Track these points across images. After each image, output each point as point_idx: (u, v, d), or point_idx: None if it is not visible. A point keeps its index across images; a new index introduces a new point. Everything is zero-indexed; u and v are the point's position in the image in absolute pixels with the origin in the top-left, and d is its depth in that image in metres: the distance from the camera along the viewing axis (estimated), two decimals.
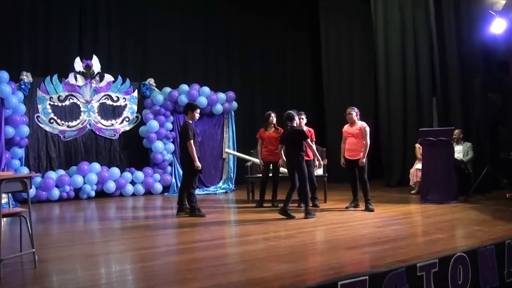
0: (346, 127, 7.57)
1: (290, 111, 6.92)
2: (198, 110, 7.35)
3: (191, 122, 7.20)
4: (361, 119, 7.59)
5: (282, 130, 7.85)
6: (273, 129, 8.04)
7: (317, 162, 7.48)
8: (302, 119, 7.78)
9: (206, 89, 10.71)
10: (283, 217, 6.60)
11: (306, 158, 7.65)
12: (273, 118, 8.04)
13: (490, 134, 8.55)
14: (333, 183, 9.95)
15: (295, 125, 6.88)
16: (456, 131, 8.89)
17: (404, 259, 4.06)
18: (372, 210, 7.15)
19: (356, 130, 7.36)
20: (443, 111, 9.75)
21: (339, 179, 10.84)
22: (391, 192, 9.59)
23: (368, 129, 7.32)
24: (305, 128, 7.80)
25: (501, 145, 9.26)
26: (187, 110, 7.27)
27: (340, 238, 5.20)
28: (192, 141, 6.95)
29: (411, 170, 9.48)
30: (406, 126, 10.87)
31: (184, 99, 10.38)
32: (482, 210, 6.89)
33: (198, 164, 6.96)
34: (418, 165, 8.96)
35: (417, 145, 9.15)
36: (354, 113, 7.44)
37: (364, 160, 7.21)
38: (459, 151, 8.88)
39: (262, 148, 8.07)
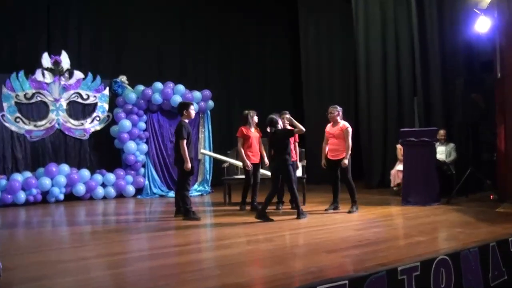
0: (328, 127, 7.60)
1: (272, 116, 6.92)
2: (193, 107, 7.27)
3: (187, 121, 7.15)
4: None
5: (259, 131, 7.89)
6: (257, 128, 8.04)
7: (299, 163, 7.58)
8: (283, 119, 7.80)
9: (181, 88, 10.66)
10: (261, 220, 6.60)
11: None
12: (252, 116, 7.99)
13: (472, 135, 8.68)
14: (312, 185, 10.00)
15: (279, 127, 6.91)
16: (442, 132, 9.02)
17: (384, 263, 4.08)
18: (352, 212, 7.22)
19: (338, 130, 7.39)
20: (424, 112, 9.88)
21: (318, 181, 10.92)
22: (372, 194, 9.69)
23: (350, 129, 7.35)
24: (288, 128, 7.84)
25: (483, 146, 9.43)
26: (182, 109, 7.16)
27: (319, 242, 5.21)
28: (185, 141, 6.90)
29: (392, 171, 9.58)
30: (386, 127, 11.00)
31: (158, 98, 10.33)
32: (465, 212, 7.00)
33: (189, 165, 6.91)
34: (399, 166, 9.06)
35: (398, 146, 9.25)
36: (336, 112, 7.47)
37: (346, 161, 7.25)
38: (442, 152, 9.00)
39: (246, 148, 7.89)
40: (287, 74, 14.08)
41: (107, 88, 10.59)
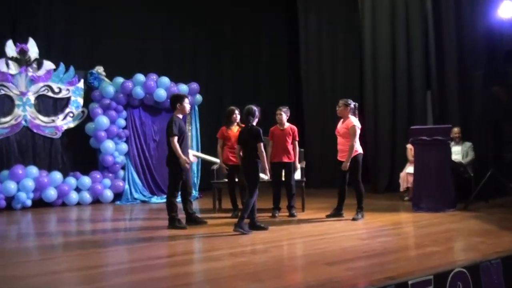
0: (338, 124, 7.62)
1: (251, 106, 6.84)
2: (187, 100, 7.24)
3: (180, 116, 7.13)
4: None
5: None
6: (237, 127, 8.04)
7: (298, 165, 7.60)
8: (281, 114, 7.81)
9: (165, 80, 10.65)
10: (254, 230, 6.59)
11: (286, 160, 7.74)
12: (237, 115, 8.02)
13: (493, 133, 8.69)
14: (312, 189, 10.01)
15: (254, 123, 6.80)
16: (456, 129, 9.04)
17: (393, 276, 4.09)
18: (356, 219, 7.24)
19: (343, 128, 7.40)
20: (438, 107, 9.90)
21: (318, 184, 10.93)
22: (378, 199, 9.70)
23: (357, 128, 7.32)
24: (287, 125, 7.84)
25: (505, 145, 9.43)
26: (175, 103, 7.11)
27: (320, 252, 5.21)
28: (176, 137, 6.88)
29: (401, 174, 9.59)
30: (395, 124, 11.02)
31: (139, 92, 10.32)
32: (484, 219, 7.00)
33: (184, 158, 6.87)
34: (410, 169, 9.08)
35: (408, 146, 9.27)
36: (343, 106, 7.44)
37: (347, 164, 7.25)
38: (458, 152, 9.02)
39: (224, 149, 8.07)
40: (285, 65, 14.09)
41: (82, 81, 10.56)
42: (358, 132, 7.33)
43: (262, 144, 6.59)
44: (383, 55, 11.08)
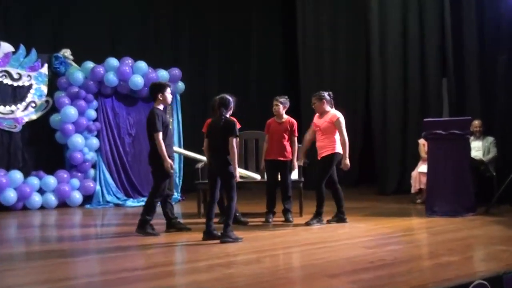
0: (315, 118, 7.66)
1: (224, 95, 6.81)
2: (169, 89, 7.22)
3: (161, 108, 7.12)
4: (348, 106, 7.64)
5: (236, 121, 7.84)
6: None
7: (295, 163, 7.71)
8: (278, 105, 7.81)
9: (142, 65, 10.63)
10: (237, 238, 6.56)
11: (281, 158, 7.74)
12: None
13: None
14: (311, 191, 9.99)
15: (228, 115, 6.76)
16: (476, 122, 9.05)
17: None
18: (311, 225, 7.33)
19: (325, 122, 7.43)
20: (456, 97, 9.92)
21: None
22: (386, 202, 9.76)
23: (342, 120, 7.38)
24: (285, 118, 7.85)
25: None
26: (155, 92, 7.09)
27: (319, 263, 5.23)
28: (160, 133, 6.86)
29: (413, 174, 9.63)
30: (406, 116, 11.06)
31: (112, 78, 10.28)
32: (508, 225, 7.04)
33: (168, 164, 6.89)
34: (422, 167, 9.12)
35: (421, 141, 9.30)
36: (318, 101, 7.49)
37: (347, 161, 7.33)
38: (478, 148, 9.06)
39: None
40: (279, 47, 14.09)
41: (46, 66, 10.52)
42: (344, 124, 7.39)
43: (235, 140, 6.57)
44: (392, 37, 11.10)
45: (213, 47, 13.38)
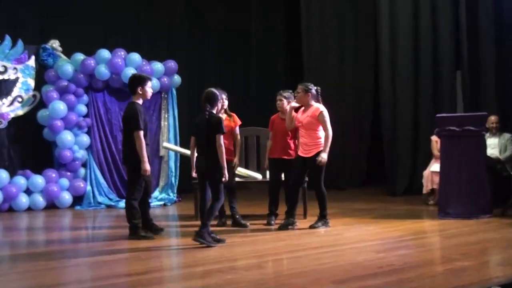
0: (298, 113, 7.64)
1: (212, 89, 6.79)
2: (150, 83, 7.24)
3: (140, 103, 7.10)
4: (355, 102, 7.63)
5: (236, 117, 7.84)
6: (224, 115, 7.99)
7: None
8: (281, 100, 7.81)
9: (135, 57, 10.62)
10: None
11: (285, 157, 7.77)
12: (225, 100, 7.95)
13: None
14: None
15: (214, 111, 6.76)
16: (493, 118, 9.05)
17: None
18: (316, 227, 7.38)
19: (308, 117, 7.42)
20: (470, 91, 9.92)
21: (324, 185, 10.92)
22: (397, 204, 9.77)
23: (326, 114, 7.37)
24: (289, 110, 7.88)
25: None
26: (135, 86, 7.10)
27: (325, 268, 5.24)
28: (141, 132, 6.85)
29: (425, 173, 9.63)
30: (418, 112, 11.05)
31: (103, 71, 10.27)
32: None
33: (147, 167, 6.87)
34: (435, 166, 9.12)
35: (434, 138, 9.30)
36: (302, 91, 7.50)
37: (325, 156, 7.27)
38: (494, 146, 9.06)
39: None
40: (282, 38, 14.08)
41: (33, 58, 10.52)
42: (328, 118, 7.37)
43: (222, 137, 6.58)
44: (403, 28, 11.07)
45: (211, 38, 13.33)
